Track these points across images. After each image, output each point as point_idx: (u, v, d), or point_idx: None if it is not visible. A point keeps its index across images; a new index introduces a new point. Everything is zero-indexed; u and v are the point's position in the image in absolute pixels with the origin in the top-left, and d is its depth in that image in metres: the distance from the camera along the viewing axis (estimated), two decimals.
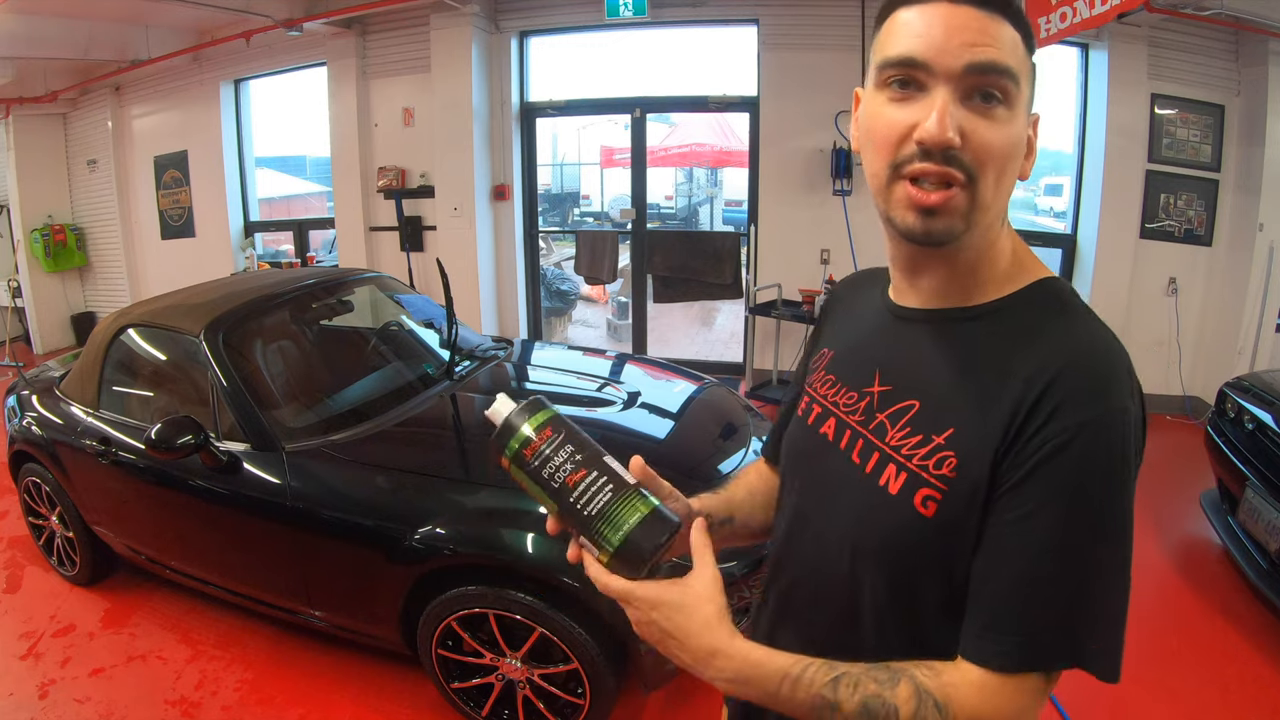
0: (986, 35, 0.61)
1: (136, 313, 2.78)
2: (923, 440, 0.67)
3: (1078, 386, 0.60)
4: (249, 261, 6.31)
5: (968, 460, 0.63)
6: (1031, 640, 0.60)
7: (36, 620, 2.77)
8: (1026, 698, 0.61)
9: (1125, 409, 0.60)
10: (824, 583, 0.75)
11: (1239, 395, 2.89)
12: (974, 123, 0.62)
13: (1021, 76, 0.63)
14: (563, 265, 8.13)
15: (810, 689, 0.63)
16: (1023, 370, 0.63)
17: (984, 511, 0.63)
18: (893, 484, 0.68)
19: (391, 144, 5.63)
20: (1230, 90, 4.45)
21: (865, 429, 0.73)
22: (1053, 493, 0.59)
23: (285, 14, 5.19)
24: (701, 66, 5.27)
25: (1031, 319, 0.67)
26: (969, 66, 0.61)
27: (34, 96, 6.56)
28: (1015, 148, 0.64)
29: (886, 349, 0.76)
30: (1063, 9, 3.44)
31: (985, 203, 0.64)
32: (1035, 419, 0.60)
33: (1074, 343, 0.63)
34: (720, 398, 2.84)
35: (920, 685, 0.62)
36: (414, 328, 3.15)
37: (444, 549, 1.94)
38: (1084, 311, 0.67)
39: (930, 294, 0.72)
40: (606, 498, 0.69)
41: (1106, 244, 4.61)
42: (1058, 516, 0.59)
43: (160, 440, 2.12)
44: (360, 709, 2.27)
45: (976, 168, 0.62)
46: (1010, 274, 0.70)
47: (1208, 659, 2.43)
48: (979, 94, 0.62)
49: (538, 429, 0.71)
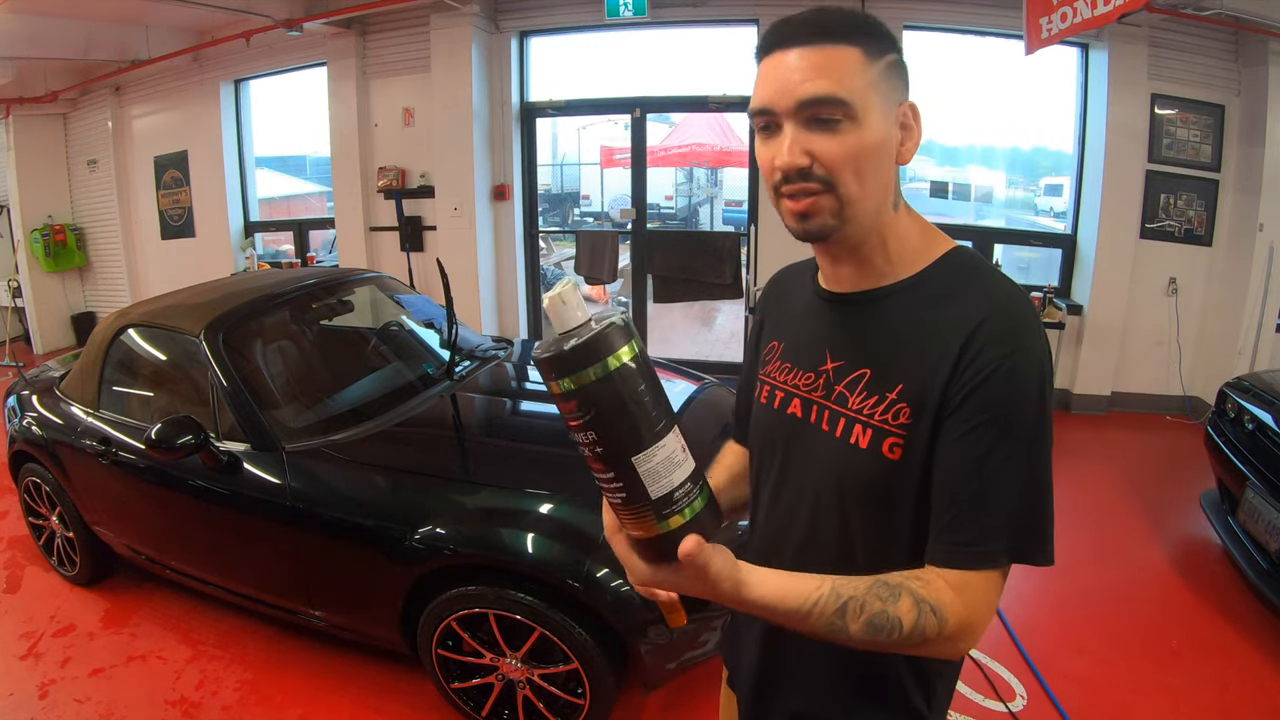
0: (812, 70, 0.74)
1: (136, 313, 2.78)
2: (879, 400, 0.80)
3: (999, 328, 0.74)
4: (249, 261, 6.31)
5: (919, 407, 0.77)
6: (983, 543, 0.73)
7: (36, 620, 2.77)
8: (992, 586, 0.74)
9: (1035, 345, 0.74)
10: (817, 535, 0.87)
11: (1239, 395, 2.89)
12: (818, 142, 0.75)
13: (859, 91, 0.74)
14: (563, 265, 8.13)
15: (824, 617, 0.72)
16: (950, 323, 0.76)
17: (937, 438, 0.76)
18: (862, 440, 0.80)
19: (391, 144, 5.63)
20: (1230, 90, 4.45)
21: (828, 401, 0.85)
22: (985, 413, 0.73)
23: (285, 14, 5.19)
24: (701, 66, 5.27)
25: (950, 283, 0.80)
26: (799, 103, 0.74)
27: (34, 96, 6.56)
28: (866, 149, 0.75)
29: (831, 330, 0.88)
30: (1063, 9, 3.45)
31: (852, 198, 0.76)
32: (966, 357, 0.74)
33: (990, 294, 0.77)
34: (720, 398, 2.84)
35: (918, 595, 0.73)
36: (414, 328, 3.15)
37: (444, 549, 1.94)
38: (993, 271, 0.82)
39: (855, 278, 0.85)
40: (687, 473, 0.64)
41: (1106, 244, 4.61)
42: (991, 431, 0.73)
43: (160, 440, 2.12)
44: (360, 709, 2.27)
45: (832, 176, 0.75)
46: (921, 250, 0.83)
47: (1208, 659, 2.43)
48: (819, 117, 0.74)
49: (635, 357, 0.59)
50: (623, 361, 0.59)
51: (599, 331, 0.58)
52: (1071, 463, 4.05)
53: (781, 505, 0.92)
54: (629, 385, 0.59)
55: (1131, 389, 4.85)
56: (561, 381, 0.59)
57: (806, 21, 0.75)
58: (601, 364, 0.58)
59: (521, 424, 2.70)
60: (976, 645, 0.75)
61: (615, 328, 0.59)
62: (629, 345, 0.60)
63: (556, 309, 0.60)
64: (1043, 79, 5.04)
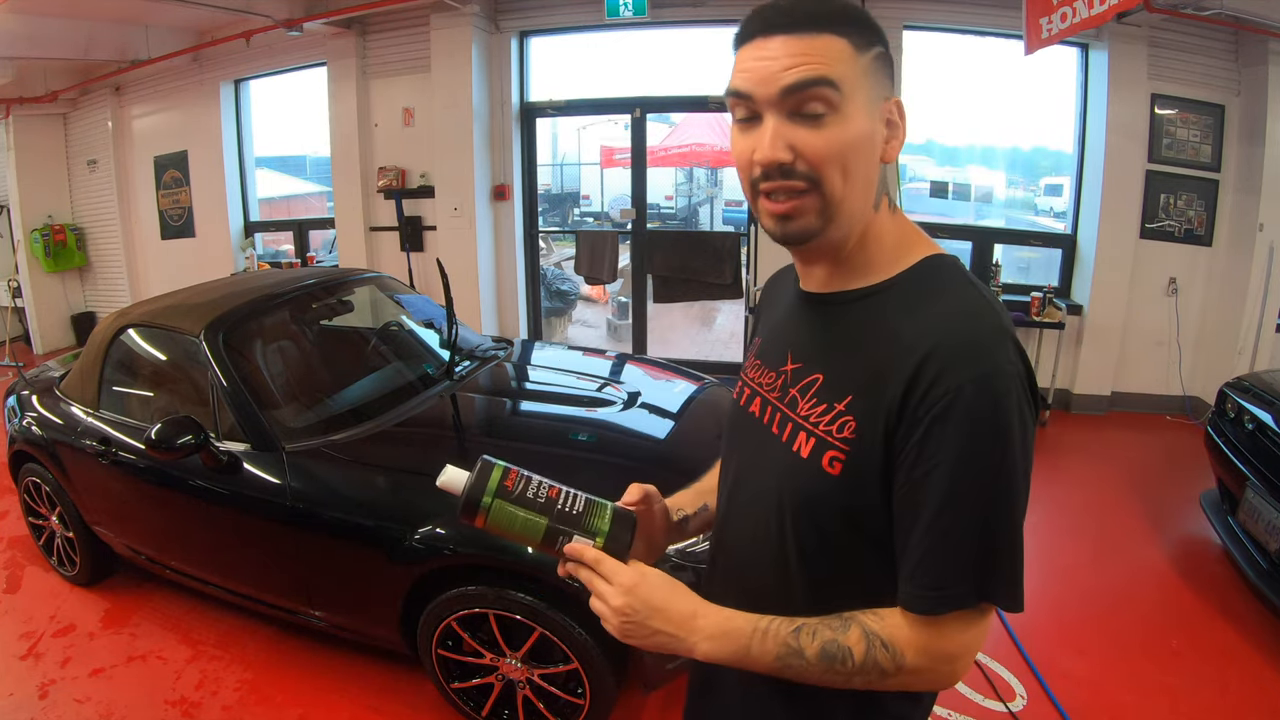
0: (798, 56, 0.68)
1: (136, 313, 2.78)
2: (827, 409, 0.75)
3: (956, 350, 0.67)
4: (249, 261, 6.31)
5: (864, 423, 0.72)
6: (943, 587, 0.69)
7: (36, 620, 2.77)
8: (962, 628, 0.70)
9: (1001, 367, 0.67)
10: (757, 543, 0.83)
11: (1239, 395, 2.89)
12: (803, 135, 0.69)
13: (847, 79, 0.69)
14: (563, 265, 8.13)
15: (777, 638, 0.73)
16: (906, 339, 0.70)
17: (885, 470, 0.71)
18: (804, 449, 0.76)
19: (391, 144, 5.63)
20: (1230, 90, 4.45)
21: (781, 404, 0.82)
22: (944, 451, 0.66)
23: (285, 14, 5.19)
24: (701, 66, 5.26)
25: (915, 293, 0.74)
26: (783, 90, 0.69)
27: (34, 96, 6.56)
28: (854, 143, 0.70)
29: (796, 331, 0.85)
30: (1063, 9, 3.44)
31: (836, 198, 0.71)
32: (921, 383, 0.67)
33: (952, 311, 0.71)
34: (720, 398, 2.84)
35: (867, 629, 0.71)
36: (414, 328, 3.15)
37: (444, 549, 1.94)
38: (963, 282, 0.74)
39: (826, 279, 0.81)
40: (584, 499, 0.81)
41: (1106, 244, 4.61)
42: (951, 472, 0.66)
43: (160, 440, 2.12)
44: (360, 709, 2.27)
45: (816, 172, 0.70)
46: (897, 255, 0.77)
47: (1208, 659, 2.43)
48: (803, 109, 0.69)
49: (503, 472, 0.81)
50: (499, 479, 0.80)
51: (471, 480, 0.81)
52: (1071, 463, 4.05)
53: (735, 503, 0.90)
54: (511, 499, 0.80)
55: (1131, 389, 4.85)
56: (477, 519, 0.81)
57: (792, 7, 0.70)
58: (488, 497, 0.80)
59: (521, 424, 2.70)
60: (962, 677, 0.74)
61: (477, 473, 0.81)
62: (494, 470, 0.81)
63: (452, 488, 0.82)
64: (1043, 79, 5.03)
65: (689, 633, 0.75)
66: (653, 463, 2.37)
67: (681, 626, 0.75)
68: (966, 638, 0.71)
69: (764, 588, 0.82)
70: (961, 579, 0.68)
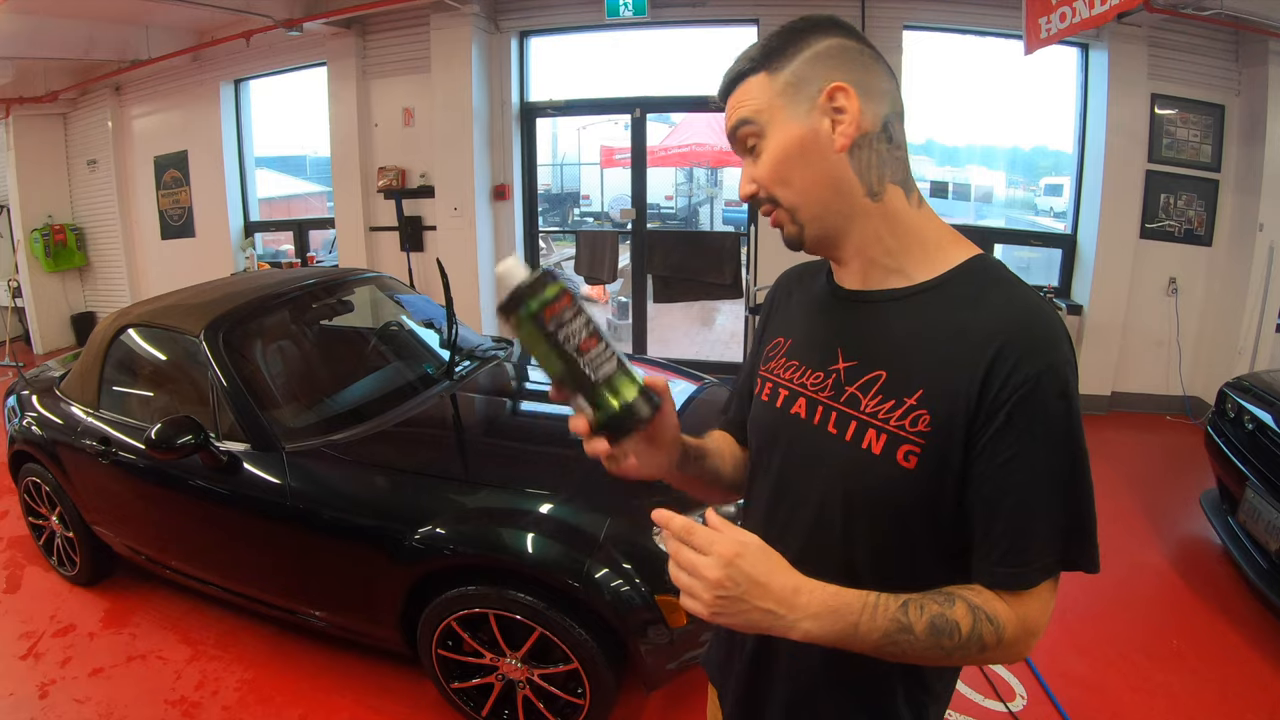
0: (730, 111, 0.82)
1: (136, 313, 2.78)
2: (896, 404, 0.76)
3: (1032, 341, 0.72)
4: (249, 261, 6.31)
5: (940, 415, 0.74)
6: (1033, 560, 0.73)
7: (36, 620, 2.77)
8: (1046, 598, 0.75)
9: (1068, 357, 0.73)
10: (819, 547, 0.82)
11: (1239, 395, 2.89)
12: (751, 169, 0.82)
13: (763, 110, 0.79)
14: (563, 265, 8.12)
15: (887, 613, 0.72)
16: (976, 333, 0.73)
17: (965, 458, 0.74)
18: (875, 445, 0.77)
19: (391, 144, 5.63)
20: (1230, 90, 4.45)
21: (837, 402, 0.82)
22: (1028, 433, 0.71)
23: (285, 14, 5.19)
24: (701, 66, 5.26)
25: (974, 290, 0.77)
26: (730, 138, 0.83)
27: (34, 96, 6.56)
28: (782, 159, 0.79)
29: (844, 329, 0.85)
30: (1062, 9, 3.44)
31: (793, 204, 0.80)
32: (998, 373, 0.71)
33: (1017, 306, 0.74)
34: (720, 398, 2.84)
35: (972, 603, 0.73)
36: (414, 328, 3.15)
37: (444, 549, 1.94)
38: (1019, 281, 0.78)
39: (863, 276, 0.83)
40: (612, 367, 0.75)
41: (1106, 244, 4.61)
42: (1037, 453, 0.71)
43: (160, 440, 2.12)
44: (360, 709, 2.27)
45: (769, 192, 0.81)
46: (939, 254, 0.80)
47: (1208, 659, 2.43)
48: (746, 148, 0.82)
49: (558, 295, 0.73)
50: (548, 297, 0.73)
51: (525, 281, 0.73)
52: None
53: (780, 510, 0.87)
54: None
55: (1131, 389, 4.85)
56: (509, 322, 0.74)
57: (725, 74, 0.83)
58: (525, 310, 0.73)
59: (521, 424, 2.70)
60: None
61: (536, 276, 0.74)
62: (552, 285, 0.73)
63: (508, 278, 0.74)
64: (1043, 79, 5.04)
65: (790, 609, 0.70)
66: None
67: (783, 603, 0.70)
68: (1049, 607, 0.75)
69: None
70: (1050, 550, 0.73)
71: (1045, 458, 0.71)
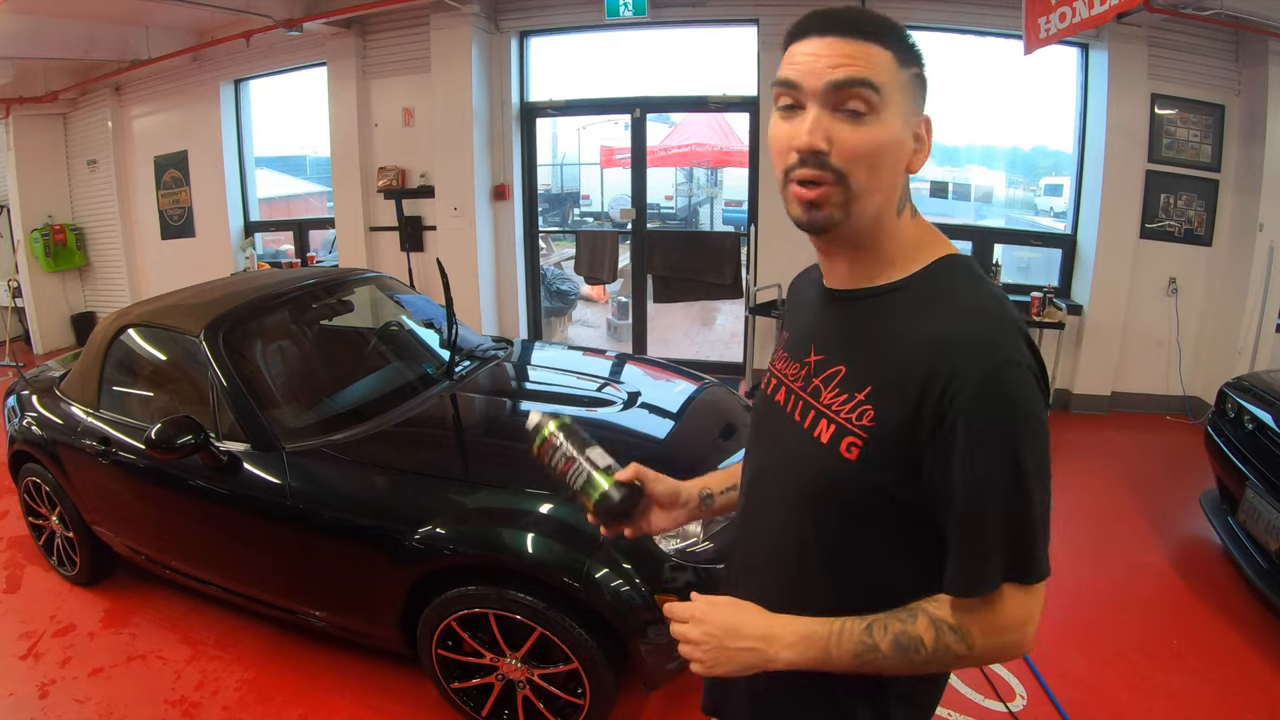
0: (847, 58, 0.74)
1: (136, 313, 2.78)
2: (848, 398, 0.80)
3: (970, 345, 0.72)
4: (249, 261, 6.31)
5: (884, 411, 0.76)
6: (990, 567, 0.73)
7: (36, 620, 2.77)
8: (1018, 599, 0.75)
9: (1017, 360, 0.72)
10: (779, 529, 0.89)
11: (1239, 395, 2.89)
12: (840, 129, 0.75)
13: (888, 87, 0.74)
14: (563, 265, 8.12)
15: (852, 636, 0.77)
16: (925, 334, 0.75)
17: (904, 460, 0.75)
18: (824, 435, 0.81)
19: (391, 144, 5.63)
20: (1230, 90, 4.45)
21: (804, 393, 0.87)
22: (972, 435, 0.71)
23: (285, 14, 5.19)
24: (701, 66, 5.27)
25: (932, 290, 0.79)
26: (829, 84, 0.74)
27: (34, 96, 6.56)
28: (885, 145, 0.75)
29: (820, 325, 0.90)
30: (1062, 9, 3.44)
31: (860, 193, 0.76)
32: (938, 379, 0.72)
33: (965, 308, 0.76)
34: (720, 398, 2.84)
35: (933, 616, 0.76)
36: (414, 328, 3.15)
37: (444, 549, 1.94)
38: (977, 280, 0.80)
39: (848, 276, 0.85)
40: (584, 478, 1.00)
41: (1106, 244, 4.61)
42: (980, 456, 0.71)
43: (160, 440, 2.12)
44: (360, 709, 2.27)
45: (845, 166, 0.75)
46: (915, 255, 0.82)
47: (1208, 659, 2.43)
48: (844, 106, 0.74)
49: (539, 445, 1.02)
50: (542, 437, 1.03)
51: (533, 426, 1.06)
52: (1071, 463, 4.05)
53: (754, 498, 0.96)
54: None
55: (1131, 389, 4.85)
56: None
57: (847, 15, 0.76)
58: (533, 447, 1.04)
59: (522, 424, 2.68)
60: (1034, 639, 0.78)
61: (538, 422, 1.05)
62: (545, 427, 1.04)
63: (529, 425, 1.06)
64: (1043, 79, 5.03)
65: (769, 644, 0.80)
66: (652, 462, 2.37)
67: (761, 639, 0.80)
68: (1029, 606, 0.75)
69: (792, 580, 0.87)
70: (991, 559, 0.73)
71: (988, 460, 0.71)
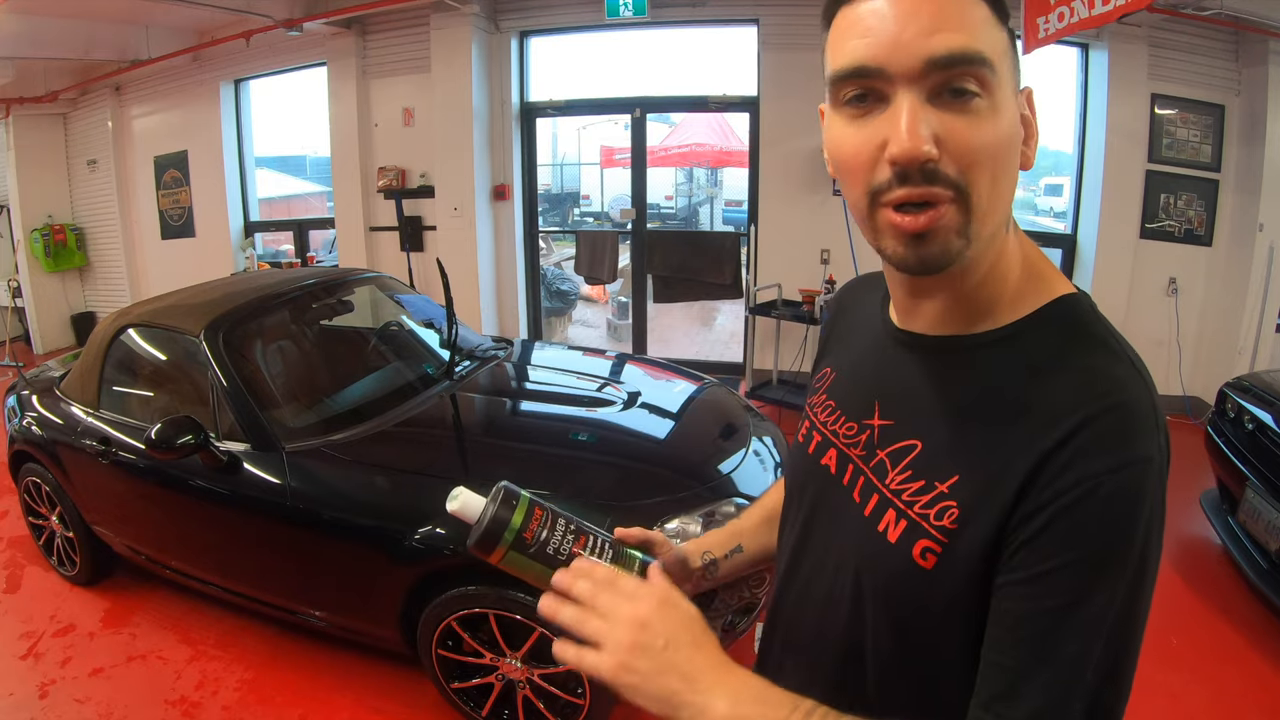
0: (945, 18, 0.52)
1: (136, 313, 2.78)
2: (924, 486, 0.61)
3: (1107, 430, 0.53)
4: (249, 261, 6.31)
5: (971, 512, 0.57)
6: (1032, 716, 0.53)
7: (36, 620, 2.77)
8: None
9: (1151, 456, 0.53)
10: (828, 619, 0.70)
11: (1239, 395, 2.89)
12: (951, 124, 0.53)
13: (998, 57, 0.53)
14: (563, 265, 8.13)
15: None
16: (1039, 412, 0.55)
17: (990, 566, 0.56)
18: (892, 530, 0.62)
19: (391, 144, 5.63)
20: (1230, 90, 4.44)
21: (866, 465, 0.67)
22: (1072, 549, 0.52)
23: (285, 14, 5.19)
24: (701, 66, 5.27)
25: (1048, 349, 0.59)
26: (930, 62, 0.52)
27: (34, 96, 6.56)
28: (1007, 141, 0.55)
29: (886, 378, 0.69)
30: (1060, 9, 3.44)
31: (983, 212, 0.55)
32: (1050, 468, 0.53)
33: (1099, 380, 0.55)
34: (720, 398, 2.84)
35: None
36: (414, 328, 3.15)
37: (444, 549, 1.94)
38: (1108, 339, 0.59)
39: (934, 319, 0.65)
40: (610, 555, 0.72)
41: (1106, 244, 4.61)
42: (1077, 575, 0.52)
43: (160, 440, 2.12)
44: (360, 709, 2.27)
45: (964, 177, 0.53)
46: (1022, 291, 0.62)
47: (1208, 659, 2.43)
48: (949, 90, 0.53)
49: (527, 513, 0.70)
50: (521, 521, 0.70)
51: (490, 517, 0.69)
52: None
53: (801, 572, 0.76)
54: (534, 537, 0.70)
55: None
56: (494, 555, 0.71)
57: None
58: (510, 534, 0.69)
59: (521, 424, 2.70)
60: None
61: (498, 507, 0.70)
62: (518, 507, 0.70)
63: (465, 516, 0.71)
64: (1043, 79, 5.03)
65: (710, 685, 0.58)
66: (653, 463, 2.38)
67: (705, 673, 0.59)
68: None
69: (837, 671, 0.69)
70: (1052, 706, 0.52)
71: (1093, 586, 0.52)
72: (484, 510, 0.69)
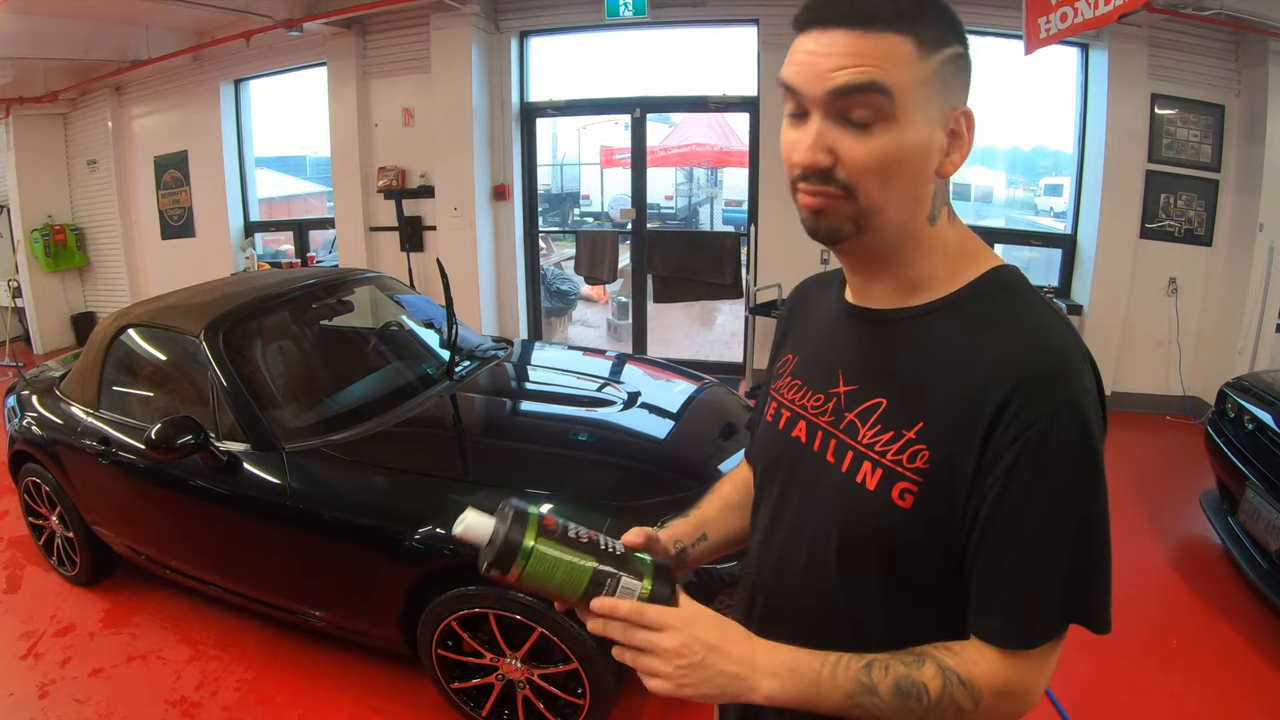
0: (853, 57, 0.64)
1: (136, 313, 2.78)
2: (894, 436, 0.70)
3: (1044, 374, 0.64)
4: (249, 261, 6.31)
5: (940, 452, 0.67)
6: (1038, 620, 0.66)
7: (36, 620, 2.77)
8: (1043, 660, 0.68)
9: (1086, 389, 0.65)
10: (810, 581, 0.78)
11: (1239, 395, 2.89)
12: (846, 142, 0.66)
13: (905, 87, 0.64)
14: (563, 265, 8.13)
15: (849, 673, 0.68)
16: (985, 361, 0.66)
17: (966, 500, 0.66)
18: (869, 480, 0.71)
19: (391, 144, 5.63)
20: (1230, 90, 4.44)
21: (836, 429, 0.76)
22: (1037, 478, 0.63)
23: (285, 14, 5.19)
24: (701, 66, 5.27)
25: (986, 311, 0.70)
26: (831, 92, 0.65)
27: (34, 96, 6.56)
28: (901, 155, 0.66)
29: (848, 350, 0.79)
30: (1062, 9, 3.44)
31: (874, 208, 0.68)
32: (1009, 409, 0.64)
33: (1033, 332, 0.67)
34: (720, 398, 2.84)
35: (943, 664, 0.67)
36: (414, 328, 3.15)
37: (444, 549, 1.94)
38: (1036, 300, 0.71)
39: (884, 295, 0.76)
40: (621, 544, 0.76)
41: (1106, 244, 4.61)
42: (1046, 500, 0.64)
43: (160, 440, 2.12)
44: (360, 709, 2.27)
45: (853, 180, 0.66)
46: (958, 268, 0.73)
47: (1208, 659, 2.43)
48: (850, 114, 0.65)
49: (538, 516, 0.72)
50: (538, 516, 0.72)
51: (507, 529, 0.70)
52: None
53: (774, 543, 0.83)
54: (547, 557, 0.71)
55: (1131, 389, 4.85)
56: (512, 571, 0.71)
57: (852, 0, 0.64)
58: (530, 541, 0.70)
59: (521, 424, 2.70)
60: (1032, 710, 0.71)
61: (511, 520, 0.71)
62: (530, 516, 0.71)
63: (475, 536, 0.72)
64: (1043, 79, 5.04)
65: (752, 670, 0.69)
66: (653, 463, 2.38)
67: (743, 663, 0.69)
68: (1048, 666, 0.68)
69: (823, 629, 0.75)
70: (1053, 608, 0.66)
71: (1055, 506, 0.64)
72: (495, 530, 0.71)
